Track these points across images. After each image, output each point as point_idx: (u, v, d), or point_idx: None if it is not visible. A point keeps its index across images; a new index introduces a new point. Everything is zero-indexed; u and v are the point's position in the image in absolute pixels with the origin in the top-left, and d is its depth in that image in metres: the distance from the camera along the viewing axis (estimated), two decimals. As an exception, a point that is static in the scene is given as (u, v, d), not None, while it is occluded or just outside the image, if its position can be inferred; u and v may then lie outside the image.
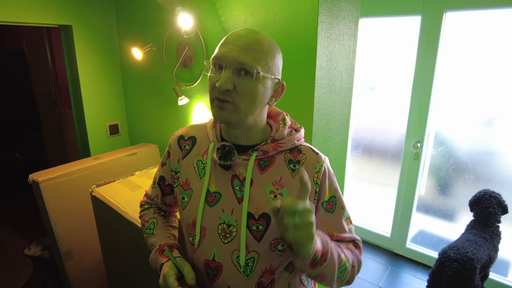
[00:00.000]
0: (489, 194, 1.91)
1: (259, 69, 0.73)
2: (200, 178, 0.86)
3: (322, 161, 0.82)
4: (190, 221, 0.86)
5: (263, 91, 0.76)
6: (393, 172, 2.58)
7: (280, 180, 0.81)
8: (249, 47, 0.73)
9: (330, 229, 0.83)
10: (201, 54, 1.80)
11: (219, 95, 0.74)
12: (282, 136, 0.83)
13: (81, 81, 2.26)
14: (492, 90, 2.06)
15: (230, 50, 0.73)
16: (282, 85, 0.82)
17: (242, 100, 0.74)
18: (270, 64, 0.76)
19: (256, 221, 0.79)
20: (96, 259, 1.96)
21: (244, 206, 0.79)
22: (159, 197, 1.02)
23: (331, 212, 0.83)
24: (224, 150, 0.80)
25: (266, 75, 0.75)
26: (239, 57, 0.72)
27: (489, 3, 1.93)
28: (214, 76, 0.76)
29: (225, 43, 0.75)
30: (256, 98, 0.75)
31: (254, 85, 0.73)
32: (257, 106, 0.77)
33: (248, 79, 0.73)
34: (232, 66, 0.72)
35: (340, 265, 0.76)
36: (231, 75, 0.73)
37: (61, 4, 2.07)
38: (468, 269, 1.66)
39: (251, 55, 0.72)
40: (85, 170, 1.89)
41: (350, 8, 1.45)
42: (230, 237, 0.80)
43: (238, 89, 0.73)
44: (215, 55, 0.75)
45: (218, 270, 0.81)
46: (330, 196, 0.83)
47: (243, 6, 1.53)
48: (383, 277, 2.39)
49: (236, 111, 0.75)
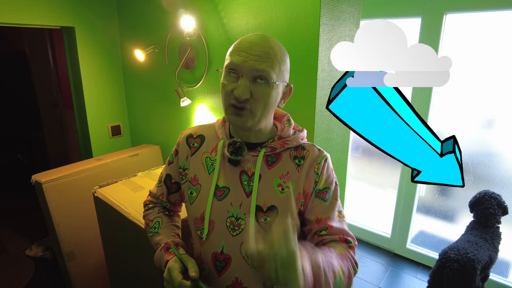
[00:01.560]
0: (489, 195, 1.91)
1: (274, 78, 0.77)
2: (208, 173, 0.89)
3: (323, 155, 0.87)
4: (198, 215, 0.88)
5: (276, 97, 0.81)
6: (393, 173, 2.59)
7: (287, 174, 0.85)
8: (265, 55, 0.76)
9: (319, 215, 0.84)
10: (203, 55, 1.81)
11: (237, 103, 0.77)
12: (288, 135, 0.87)
13: (83, 82, 2.27)
14: (492, 91, 2.06)
15: (246, 59, 0.76)
16: (290, 88, 0.87)
17: (257, 106, 0.78)
18: (282, 69, 0.80)
19: (264, 213, 0.82)
20: (98, 260, 1.96)
21: (253, 199, 0.83)
22: (164, 195, 1.03)
23: (324, 200, 0.85)
24: (236, 145, 0.84)
25: (279, 83, 0.79)
26: (257, 66, 0.75)
27: (489, 5, 1.94)
28: (229, 84, 0.78)
29: (239, 51, 0.77)
30: (270, 103, 0.80)
31: (269, 92, 0.78)
32: (270, 110, 0.82)
33: (264, 86, 0.77)
34: (249, 75, 0.76)
35: (334, 283, 0.74)
36: (248, 84, 0.76)
37: (64, 6, 2.08)
38: (468, 270, 1.66)
39: (267, 64, 0.76)
40: (88, 171, 1.90)
41: (352, 10, 1.46)
42: (239, 230, 0.83)
43: (254, 96, 0.77)
44: (230, 62, 0.78)
45: (226, 262, 0.84)
46: (325, 186, 0.86)
47: (245, 8, 1.54)
48: (383, 278, 2.40)
49: (252, 116, 0.79)
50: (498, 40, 1.99)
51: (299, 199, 0.85)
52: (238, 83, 0.76)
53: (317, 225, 0.85)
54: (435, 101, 2.26)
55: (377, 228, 2.79)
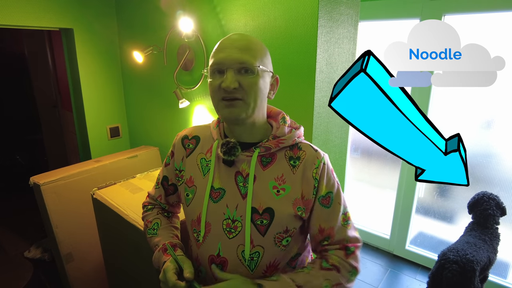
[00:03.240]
0: (488, 196, 1.92)
1: (258, 64, 0.79)
2: (204, 175, 0.88)
3: (321, 157, 0.85)
4: (194, 217, 0.88)
5: (264, 85, 0.82)
6: (392, 174, 2.59)
7: (282, 176, 0.84)
8: (246, 47, 0.79)
9: (322, 223, 0.85)
10: (201, 57, 1.81)
11: (227, 95, 0.78)
12: (282, 133, 0.86)
13: (82, 84, 2.27)
14: (491, 92, 2.07)
15: (229, 53, 0.78)
16: (277, 79, 0.88)
17: (249, 96, 0.79)
18: (264, 60, 0.82)
19: (260, 215, 0.81)
20: (97, 262, 1.96)
21: (248, 201, 0.82)
22: (162, 197, 1.03)
23: (327, 207, 0.85)
24: (229, 145, 0.83)
25: (264, 69, 0.81)
26: (240, 57, 0.78)
27: (487, 6, 1.94)
28: (215, 80, 0.79)
29: (221, 49, 0.80)
30: (259, 91, 0.80)
31: (256, 80, 0.79)
32: (262, 99, 0.82)
33: (250, 75, 0.79)
34: (234, 66, 0.78)
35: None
36: (234, 74, 0.77)
37: (63, 7, 2.08)
38: (467, 271, 1.66)
39: (249, 53, 0.79)
40: (86, 172, 1.90)
41: (350, 12, 1.46)
42: (235, 232, 0.82)
43: (243, 86, 0.78)
44: (214, 61, 0.80)
45: (223, 265, 0.83)
46: (327, 191, 0.85)
47: (243, 10, 1.55)
48: (382, 279, 2.40)
49: (245, 106, 0.79)
50: (496, 41, 1.99)
51: (297, 204, 0.83)
52: (224, 76, 0.78)
53: (320, 235, 0.86)
54: (433, 102, 2.26)
55: (376, 229, 2.79)
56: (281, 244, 0.82)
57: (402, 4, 2.24)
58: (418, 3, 2.14)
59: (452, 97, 2.22)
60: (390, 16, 2.34)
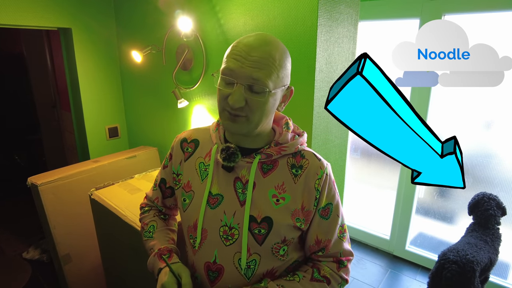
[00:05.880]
0: (488, 197, 1.91)
1: (271, 86, 0.73)
2: (202, 180, 0.86)
3: (324, 168, 0.82)
4: (191, 223, 0.85)
5: (273, 103, 0.77)
6: (392, 174, 2.58)
7: (282, 184, 0.81)
8: (262, 62, 0.71)
9: (320, 235, 0.84)
10: (200, 57, 1.80)
11: (231, 110, 0.74)
12: (285, 140, 0.83)
13: (80, 84, 2.26)
14: (490, 92, 2.06)
15: (242, 65, 0.72)
16: (291, 90, 0.82)
17: (254, 114, 0.74)
18: (281, 75, 0.76)
19: (258, 224, 0.79)
20: (95, 263, 1.95)
21: (247, 209, 0.79)
22: (159, 200, 1.02)
23: (325, 218, 0.84)
24: (229, 151, 0.80)
25: (277, 90, 0.75)
26: (253, 74, 0.71)
27: (487, 6, 1.94)
28: (223, 90, 0.75)
29: (236, 55, 0.73)
30: (267, 110, 0.76)
31: (265, 100, 0.74)
32: (268, 116, 0.79)
33: (259, 96, 0.73)
34: (244, 82, 0.72)
35: None
36: (242, 91, 0.72)
37: (61, 7, 2.07)
38: (467, 271, 1.66)
39: (264, 72, 0.72)
40: (84, 173, 1.89)
41: (350, 11, 1.45)
42: (232, 240, 0.80)
43: (250, 104, 0.73)
44: (226, 67, 0.74)
45: (219, 272, 0.81)
46: (326, 202, 0.83)
47: (242, 9, 1.54)
48: (382, 280, 2.39)
49: (248, 123, 0.76)
50: (496, 41, 1.98)
51: (296, 215, 0.80)
52: (233, 89, 0.73)
53: (316, 246, 0.85)
54: (433, 102, 2.26)
55: (376, 230, 2.78)
56: (278, 253, 0.81)
57: (402, 4, 2.24)
58: (418, 3, 2.13)
59: (452, 97, 2.21)
60: (390, 16, 2.33)
